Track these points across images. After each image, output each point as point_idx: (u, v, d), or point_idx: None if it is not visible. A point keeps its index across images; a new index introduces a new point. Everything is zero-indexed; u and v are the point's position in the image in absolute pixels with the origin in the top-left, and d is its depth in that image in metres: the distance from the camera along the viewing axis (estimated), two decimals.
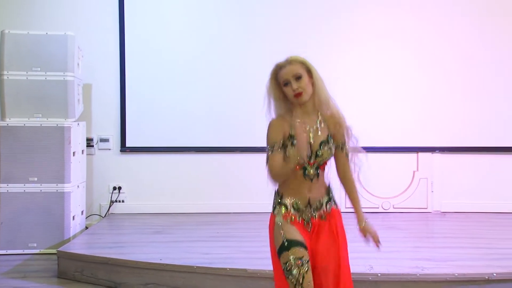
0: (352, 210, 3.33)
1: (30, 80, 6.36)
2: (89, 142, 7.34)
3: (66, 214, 6.36)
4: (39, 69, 6.37)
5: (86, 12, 7.33)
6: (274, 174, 3.18)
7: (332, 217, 3.28)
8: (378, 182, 7.30)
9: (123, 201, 7.46)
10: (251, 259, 3.37)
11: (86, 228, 6.92)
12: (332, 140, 3.29)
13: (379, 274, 4.66)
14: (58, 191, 6.34)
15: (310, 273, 3.14)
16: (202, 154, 7.38)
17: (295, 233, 3.19)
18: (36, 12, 7.26)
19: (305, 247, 3.16)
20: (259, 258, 4.84)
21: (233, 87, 7.17)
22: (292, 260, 3.13)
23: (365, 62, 7.32)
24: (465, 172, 7.44)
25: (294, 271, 3.12)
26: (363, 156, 3.38)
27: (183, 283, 4.92)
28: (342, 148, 3.33)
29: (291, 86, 3.19)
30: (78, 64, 6.65)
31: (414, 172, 7.46)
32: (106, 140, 7.45)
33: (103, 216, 7.36)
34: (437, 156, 7.46)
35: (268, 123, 3.27)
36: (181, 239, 6.03)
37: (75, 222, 6.56)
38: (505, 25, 7.36)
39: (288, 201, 3.26)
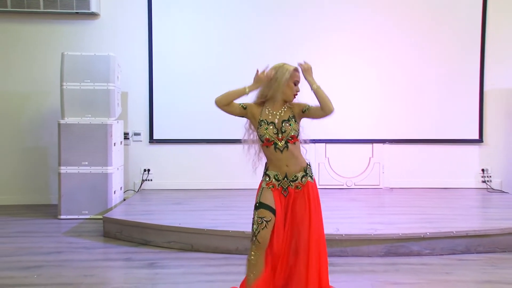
0: (325, 187, 3.34)
1: (82, 89, 6.38)
2: (126, 136, 7.34)
3: (109, 190, 6.39)
4: (89, 81, 6.39)
5: (124, 37, 7.33)
6: (219, 96, 3.30)
7: (306, 188, 3.30)
8: (343, 165, 7.44)
9: (151, 180, 7.46)
10: (248, 224, 3.43)
11: (124, 200, 6.94)
12: (295, 119, 3.31)
13: (343, 235, 4.72)
14: (103, 172, 6.36)
15: (266, 230, 3.24)
16: (211, 144, 7.39)
17: (268, 199, 3.28)
18: (87, 38, 7.26)
19: (272, 210, 3.25)
20: None
21: None
22: (256, 218, 3.27)
23: (334, 75, 7.31)
24: (408, 157, 7.48)
25: (255, 226, 3.27)
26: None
27: (196, 241, 4.95)
28: (309, 108, 3.31)
29: (297, 88, 3.33)
30: (118, 77, 6.66)
31: (370, 158, 7.49)
32: (138, 134, 7.45)
33: (137, 191, 7.37)
34: (387, 146, 7.50)
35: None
36: (195, 209, 6.03)
37: (116, 196, 6.58)
38: (439, 44, 7.39)
39: (271, 173, 3.34)
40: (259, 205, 3.30)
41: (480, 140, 7.50)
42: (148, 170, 7.45)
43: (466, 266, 4.49)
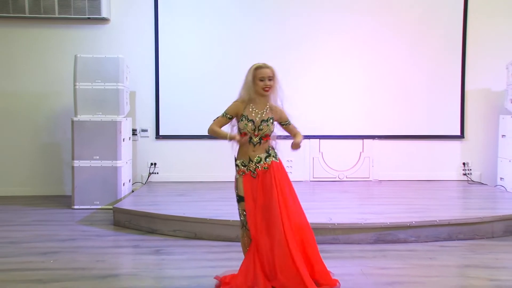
0: (319, 179, 3.37)
1: (94, 89, 6.39)
2: (134, 132, 7.33)
3: (118, 182, 6.42)
4: (100, 81, 6.40)
5: (132, 41, 7.32)
6: (210, 129, 3.53)
7: (271, 168, 3.47)
8: (336, 159, 7.45)
9: (157, 173, 7.45)
10: None
11: (132, 191, 6.95)
12: (272, 120, 3.49)
13: (336, 223, 4.75)
14: (113, 165, 6.38)
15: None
16: (213, 140, 7.33)
17: (242, 189, 3.49)
18: (98, 41, 7.25)
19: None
20: None
21: (231, 94, 7.18)
22: (240, 210, 3.50)
23: (329, 76, 7.34)
24: (395, 152, 7.48)
25: (242, 217, 3.49)
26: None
27: (199, 230, 4.98)
28: (288, 124, 3.58)
29: (265, 82, 3.42)
30: (126, 78, 6.67)
31: (360, 152, 7.49)
32: (145, 130, 7.45)
33: (144, 183, 7.36)
34: (376, 141, 7.51)
35: (233, 101, 3.55)
36: (198, 200, 6.05)
37: (125, 187, 6.61)
38: (424, 47, 7.38)
39: (239, 162, 3.55)
40: (239, 199, 3.52)
41: (461, 136, 7.52)
42: (155, 164, 7.46)
43: (448, 252, 4.54)
